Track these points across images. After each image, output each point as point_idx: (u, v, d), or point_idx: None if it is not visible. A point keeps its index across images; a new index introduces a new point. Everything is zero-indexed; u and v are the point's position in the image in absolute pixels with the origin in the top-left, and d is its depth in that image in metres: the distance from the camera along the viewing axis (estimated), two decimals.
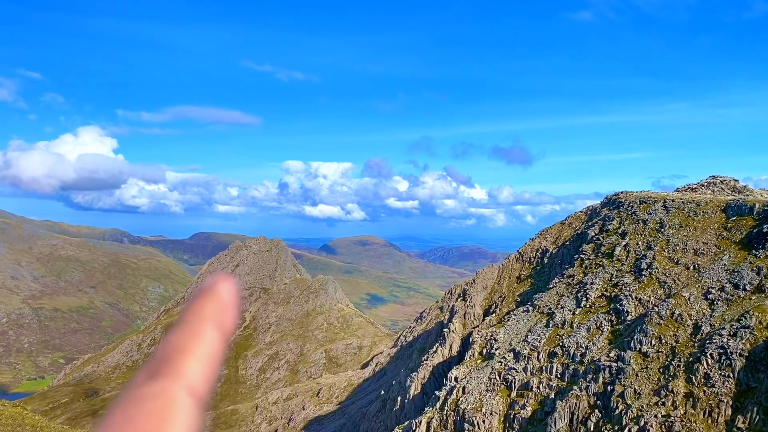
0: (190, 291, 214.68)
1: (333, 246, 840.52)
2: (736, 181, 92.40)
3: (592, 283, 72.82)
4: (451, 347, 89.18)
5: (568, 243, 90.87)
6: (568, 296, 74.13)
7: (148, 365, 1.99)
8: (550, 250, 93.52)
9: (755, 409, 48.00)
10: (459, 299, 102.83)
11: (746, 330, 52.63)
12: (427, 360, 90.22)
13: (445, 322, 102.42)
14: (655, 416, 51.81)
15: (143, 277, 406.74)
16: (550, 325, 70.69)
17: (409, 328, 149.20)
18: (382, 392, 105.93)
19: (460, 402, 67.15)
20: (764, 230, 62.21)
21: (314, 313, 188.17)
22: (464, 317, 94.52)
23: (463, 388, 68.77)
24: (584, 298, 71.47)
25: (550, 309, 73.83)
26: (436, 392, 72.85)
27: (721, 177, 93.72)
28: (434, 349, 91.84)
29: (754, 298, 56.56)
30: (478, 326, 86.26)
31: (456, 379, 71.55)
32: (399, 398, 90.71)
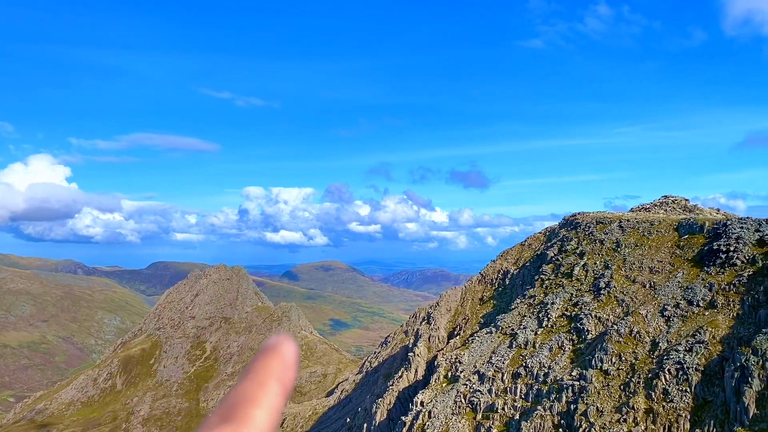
0: (148, 323, 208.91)
1: (295, 272, 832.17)
2: (686, 200, 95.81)
3: (552, 303, 73.93)
4: (416, 371, 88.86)
5: (528, 264, 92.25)
6: (529, 316, 75.03)
7: (218, 411, 2.18)
8: (511, 271, 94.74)
9: (711, 422, 49.20)
10: (423, 323, 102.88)
11: (701, 345, 54.16)
12: (392, 385, 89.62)
13: (410, 346, 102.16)
14: None
15: (99, 309, 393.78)
16: (513, 346, 71.28)
17: (374, 353, 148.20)
18: (348, 420, 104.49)
19: (426, 427, 66.75)
20: (714, 247, 64.50)
21: None
22: (429, 340, 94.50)
23: (429, 413, 68.46)
24: (546, 318, 72.44)
25: (512, 330, 74.52)
26: (402, 418, 72.28)
27: (672, 197, 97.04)
28: (399, 373, 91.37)
29: (707, 313, 58.34)
30: (442, 349, 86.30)
31: (422, 403, 71.21)
32: (365, 425, 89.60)
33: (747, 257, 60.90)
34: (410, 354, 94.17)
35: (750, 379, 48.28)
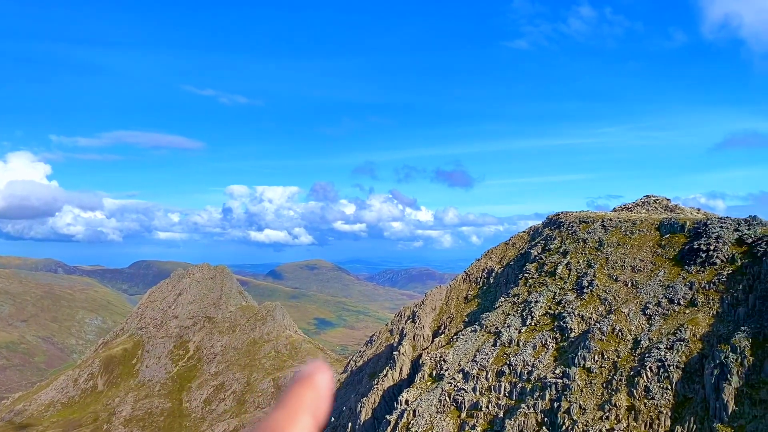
0: (130, 322, 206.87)
1: (280, 271, 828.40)
2: (668, 200, 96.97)
3: (536, 302, 74.45)
4: (401, 370, 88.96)
5: (512, 263, 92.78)
6: (513, 315, 75.48)
7: None
8: (496, 269, 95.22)
9: (692, 419, 49.90)
10: (408, 321, 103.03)
11: (682, 343, 54.88)
12: (377, 384, 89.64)
13: (395, 345, 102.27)
14: (600, 430, 53.08)
15: (80, 309, 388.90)
16: (498, 344, 71.67)
17: (359, 352, 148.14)
18: (332, 419, 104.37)
19: (410, 425, 66.89)
20: (695, 247, 65.37)
21: (261, 341, 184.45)
22: (414, 339, 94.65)
23: (414, 411, 68.60)
24: (529, 317, 72.93)
25: (496, 328, 74.92)
26: (387, 416, 72.36)
27: (654, 197, 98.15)
28: (384, 372, 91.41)
29: (687, 311, 59.13)
30: (427, 348, 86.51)
31: (406, 402, 71.34)
32: (349, 425, 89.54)
33: (726, 256, 61.80)
34: (395, 353, 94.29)
35: (729, 376, 49.04)
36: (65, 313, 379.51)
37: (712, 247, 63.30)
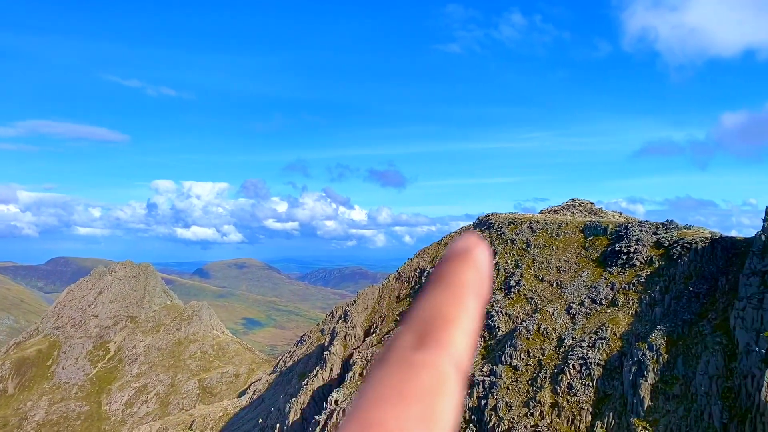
0: (46, 322, 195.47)
1: (207, 270, 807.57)
2: (592, 203, 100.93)
3: None
4: (331, 370, 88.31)
5: None
6: None
7: (411, 326, 1.83)
8: (428, 269, 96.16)
9: (611, 414, 51.98)
10: (340, 321, 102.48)
11: (603, 341, 57.11)
12: (307, 384, 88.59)
13: (326, 344, 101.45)
14: (525, 427, 54.42)
15: None
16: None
17: (289, 352, 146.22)
18: (260, 420, 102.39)
19: (340, 425, 66.38)
20: (616, 249, 68.24)
21: (187, 342, 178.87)
22: (345, 339, 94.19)
23: (344, 411, 68.13)
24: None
25: None
26: (316, 417, 71.57)
27: (579, 200, 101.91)
28: (314, 372, 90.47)
29: (609, 311, 61.62)
30: (358, 347, 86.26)
31: (336, 402, 70.80)
32: (278, 425, 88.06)
33: (645, 258, 64.83)
34: (326, 353, 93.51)
35: (646, 372, 51.39)
36: None
37: (632, 250, 66.25)
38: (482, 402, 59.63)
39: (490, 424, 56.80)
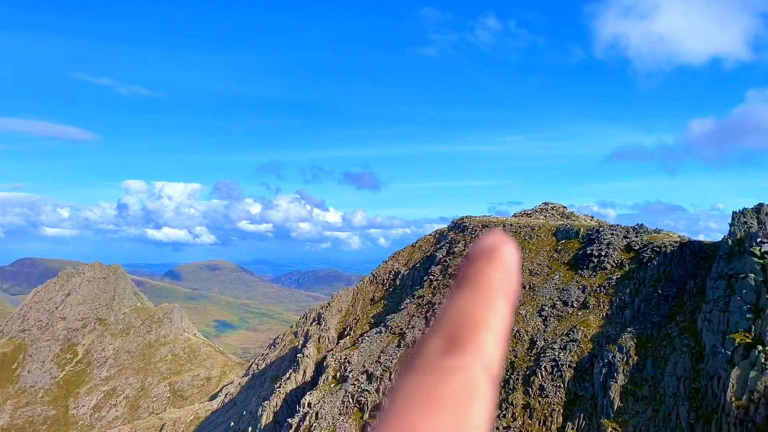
0: (11, 324, 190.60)
1: (179, 271, 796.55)
2: (564, 207, 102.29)
3: (440, 303, 75.75)
4: (305, 373, 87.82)
5: (418, 265, 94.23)
6: (418, 316, 76.58)
7: (440, 330, 1.75)
8: (402, 272, 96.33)
9: (582, 415, 52.68)
10: (314, 323, 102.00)
11: (574, 343, 57.88)
12: (279, 387, 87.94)
13: (300, 347, 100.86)
14: (497, 428, 54.82)
15: None
16: (402, 345, 72.38)
17: (262, 355, 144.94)
18: (232, 424, 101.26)
19: (312, 428, 66.05)
20: (588, 252, 69.24)
21: (157, 344, 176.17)
22: (319, 341, 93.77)
23: (317, 414, 67.83)
24: (433, 318, 74.11)
25: (401, 329, 75.68)
26: (289, 420, 71.08)
27: (552, 204, 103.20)
28: (287, 375, 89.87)
29: (580, 313, 62.47)
30: (332, 350, 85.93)
31: (309, 404, 70.41)
32: (250, 429, 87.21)
33: (616, 262, 65.91)
34: (299, 355, 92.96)
35: (615, 374, 52.21)
36: None
37: (603, 253, 67.29)
38: None
39: None
